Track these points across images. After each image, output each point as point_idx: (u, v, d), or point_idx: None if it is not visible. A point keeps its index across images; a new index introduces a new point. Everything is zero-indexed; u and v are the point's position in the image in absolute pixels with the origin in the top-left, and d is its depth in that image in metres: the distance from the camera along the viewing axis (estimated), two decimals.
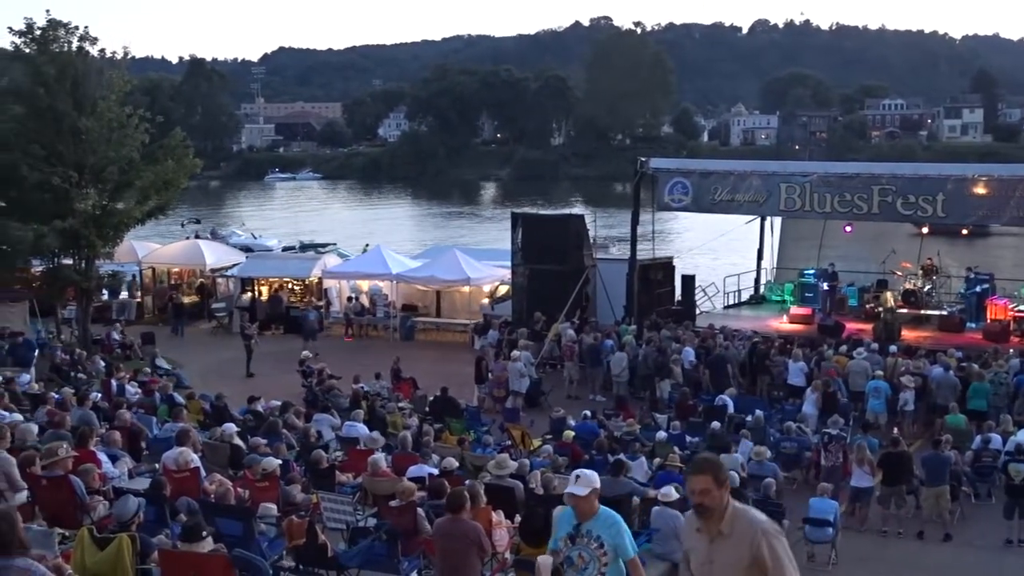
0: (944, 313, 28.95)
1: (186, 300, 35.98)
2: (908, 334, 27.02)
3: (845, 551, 14.72)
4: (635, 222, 29.89)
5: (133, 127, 27.96)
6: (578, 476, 7.42)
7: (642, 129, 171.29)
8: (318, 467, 14.51)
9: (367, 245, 50.56)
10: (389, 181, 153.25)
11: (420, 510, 11.53)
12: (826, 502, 14.72)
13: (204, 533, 9.39)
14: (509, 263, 31.33)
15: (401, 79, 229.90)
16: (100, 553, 8.99)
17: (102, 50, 28.71)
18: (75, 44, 27.76)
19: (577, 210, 69.08)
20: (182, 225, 73.09)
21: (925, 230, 30.85)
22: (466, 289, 33.22)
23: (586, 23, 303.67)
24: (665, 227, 55.39)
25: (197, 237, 59.22)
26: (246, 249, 50.92)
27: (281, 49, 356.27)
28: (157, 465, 13.61)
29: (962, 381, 21.30)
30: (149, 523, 10.68)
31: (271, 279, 35.94)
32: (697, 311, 30.92)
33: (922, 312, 29.24)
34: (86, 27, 27.99)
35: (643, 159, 30.16)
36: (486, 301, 32.95)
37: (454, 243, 52.23)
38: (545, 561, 8.93)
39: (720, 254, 43.08)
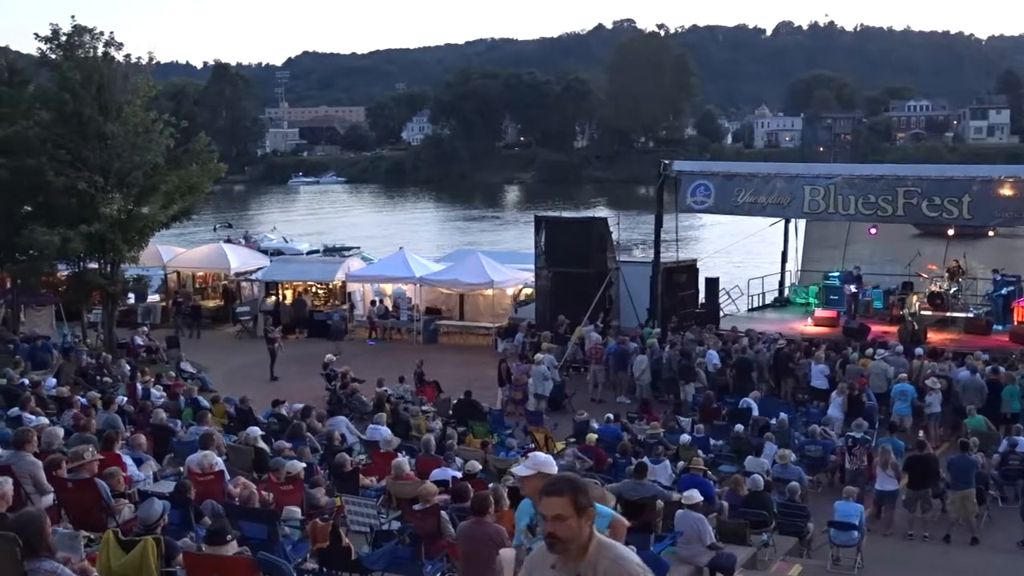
0: (970, 315, 28.74)
1: (210, 303, 36.15)
2: (934, 336, 26.85)
3: (870, 555, 14.62)
4: (658, 224, 29.83)
5: (158, 132, 28.12)
6: (526, 457, 6.92)
7: (665, 131, 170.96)
8: (342, 470, 14.54)
9: (401, 248, 50.77)
10: (413, 184, 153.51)
11: (443, 513, 11.53)
12: (851, 505, 14.64)
13: (228, 536, 9.41)
14: (532, 266, 31.32)
15: (424, 83, 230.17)
16: (125, 556, 9.02)
17: (127, 55, 28.93)
18: (100, 50, 27.95)
19: (600, 213, 68.95)
20: (214, 229, 73.63)
21: (951, 232, 30.60)
22: (489, 292, 33.23)
23: (609, 26, 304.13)
24: (689, 230, 55.22)
25: (229, 241, 59.84)
26: (278, 253, 51.38)
27: (305, 53, 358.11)
28: (182, 468, 13.67)
29: (989, 384, 21.15)
30: (174, 526, 10.72)
31: (295, 283, 36.04)
32: (721, 314, 30.81)
33: (948, 314, 29.04)
34: (111, 33, 28.23)
35: (666, 161, 30.13)
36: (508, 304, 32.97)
37: (477, 246, 52.29)
38: (507, 555, 8.71)
39: (744, 257, 42.91)
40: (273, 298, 35.20)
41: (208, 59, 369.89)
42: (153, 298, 36.85)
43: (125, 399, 19.86)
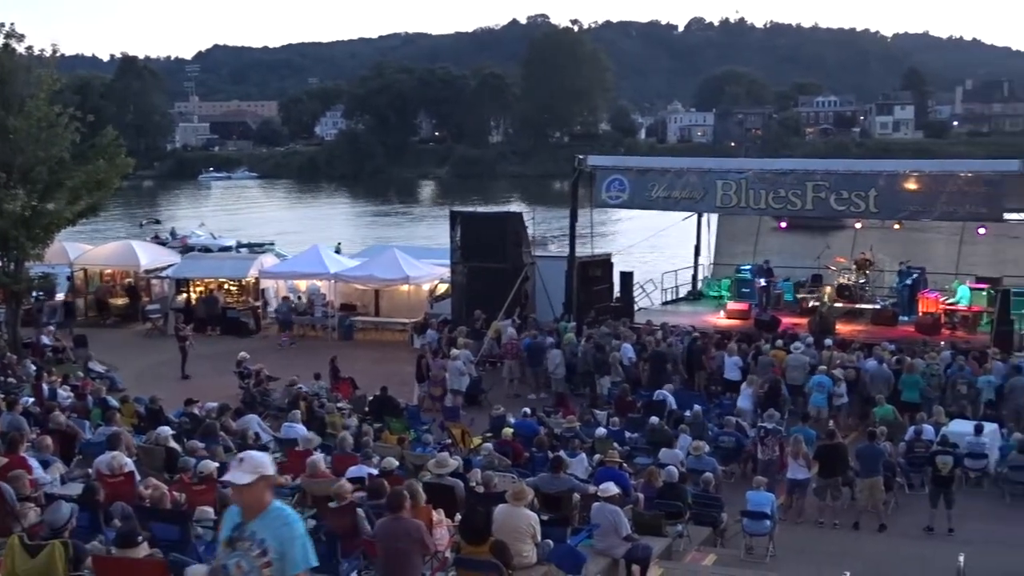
0: (877, 307, 29.39)
1: (118, 301, 35.46)
2: (843, 328, 27.40)
3: (782, 543, 14.89)
4: (573, 219, 30.04)
5: (63, 126, 27.43)
6: (241, 459, 5.75)
7: (580, 127, 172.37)
8: None
9: (339, 244, 50.44)
10: (327, 180, 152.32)
11: (360, 511, 11.45)
12: (762, 495, 14.88)
13: (139, 538, 9.24)
14: (448, 261, 31.27)
15: (338, 77, 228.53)
16: (31, 561, 8.81)
17: (29, 47, 28.18)
18: (1, 41, 27.20)
19: (516, 208, 69.29)
20: (140, 226, 72.07)
21: (859, 225, 31.28)
22: (405, 288, 33.08)
23: (523, 21, 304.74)
24: (603, 224, 55.57)
25: (157, 237, 58.89)
26: (205, 250, 50.86)
27: (215, 47, 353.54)
28: (90, 470, 13.38)
29: (896, 374, 21.66)
30: (82, 529, 10.47)
31: (207, 280, 35.49)
32: (636, 307, 31.06)
33: (856, 306, 29.66)
34: (12, 24, 27.48)
35: (581, 157, 30.26)
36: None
37: (393, 242, 52.03)
38: (195, 572, 8.47)
39: (658, 251, 43.34)
40: (184, 295, 34.62)
41: (115, 52, 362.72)
42: (60, 296, 36.06)
43: (31, 400, 19.36)
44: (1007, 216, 26.42)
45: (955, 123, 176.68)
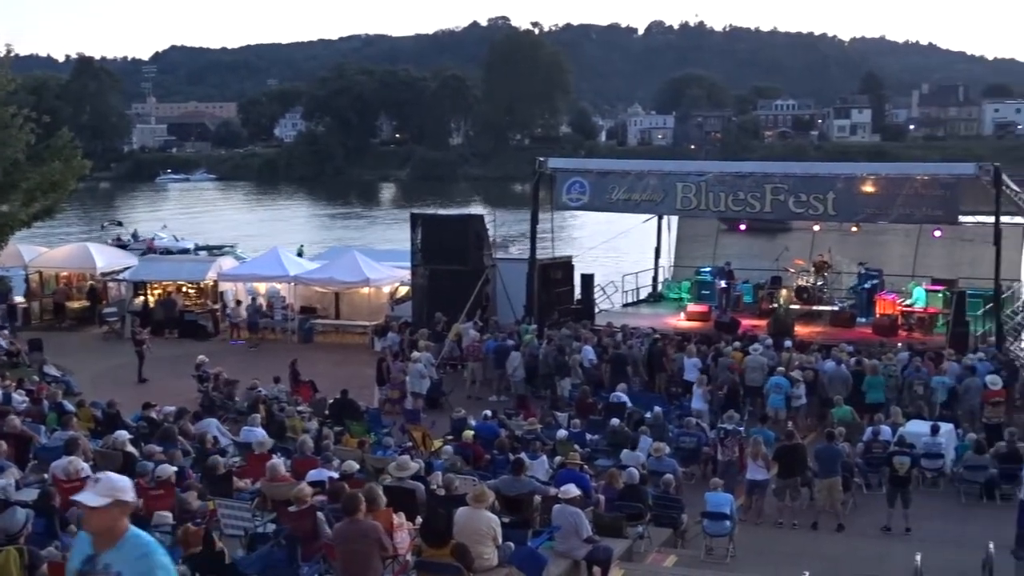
0: (835, 308, 29.64)
1: (75, 304, 35.06)
2: (801, 330, 27.60)
3: (742, 544, 14.96)
4: (534, 222, 30.08)
5: (17, 127, 27.13)
6: (98, 479, 5.13)
7: (540, 129, 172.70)
8: (215, 473, 14.26)
9: (302, 246, 50.19)
10: (286, 182, 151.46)
11: (320, 514, 11.40)
12: (720, 495, 14.96)
13: None
14: (409, 264, 31.18)
15: (297, 79, 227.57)
16: None
17: None
18: None
19: (476, 210, 68.96)
20: (102, 228, 71.10)
21: (817, 227, 31.54)
22: (366, 290, 32.95)
23: (484, 23, 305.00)
24: (564, 226, 55.70)
25: (119, 240, 58.28)
26: (167, 252, 50.50)
27: (173, 47, 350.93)
28: (46, 475, 13.23)
29: (854, 375, 21.85)
30: (38, 535, 10.37)
31: (165, 283, 35.16)
32: (596, 309, 31.14)
33: (814, 308, 29.90)
34: None
35: (541, 159, 30.31)
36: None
37: (353, 244, 51.82)
38: None
39: (619, 253, 43.46)
40: (142, 298, 34.28)
41: (71, 52, 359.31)
42: (19, 299, 35.64)
43: None
44: (962, 219, 26.78)
45: (911, 127, 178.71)
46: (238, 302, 33.22)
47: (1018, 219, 28.95)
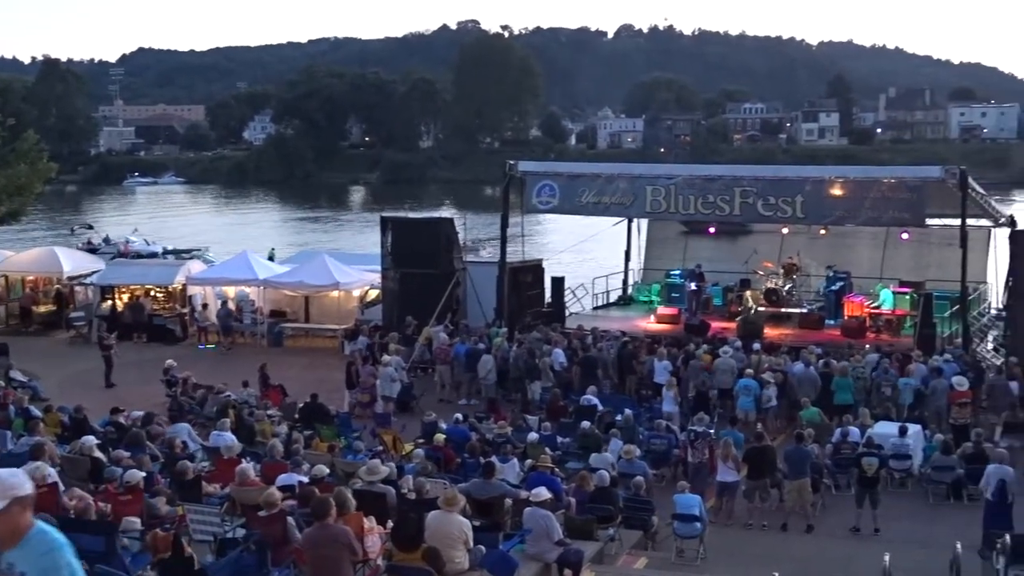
0: (804, 311, 29.80)
1: (41, 308, 34.73)
2: (770, 332, 27.73)
3: (712, 545, 15.01)
4: (504, 225, 30.06)
5: None
6: None
7: (510, 132, 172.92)
8: (184, 478, 14.16)
9: (273, 250, 49.88)
10: (255, 185, 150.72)
11: (290, 519, 11.35)
12: (689, 497, 15.00)
13: None
14: (379, 267, 31.10)
15: (266, 81, 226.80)
16: None
17: None
18: None
19: (447, 213, 68.98)
20: (72, 231, 70.27)
21: (786, 230, 31.70)
22: (336, 294, 32.82)
23: (453, 26, 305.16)
24: (534, 230, 55.80)
25: (90, 243, 57.68)
26: (138, 256, 50.09)
27: (141, 50, 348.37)
28: None
29: (822, 377, 21.98)
30: None
31: (133, 287, 34.88)
32: (567, 312, 31.17)
33: (783, 310, 30.03)
34: None
35: (511, 162, 30.31)
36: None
37: (323, 247, 51.62)
38: None
39: (589, 256, 43.54)
40: (109, 302, 33.98)
41: (36, 54, 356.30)
42: None
43: None
44: (929, 221, 26.97)
45: (879, 130, 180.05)
46: (205, 305, 33.01)
47: (984, 222, 29.22)
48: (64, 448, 16.09)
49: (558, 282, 31.04)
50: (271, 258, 42.02)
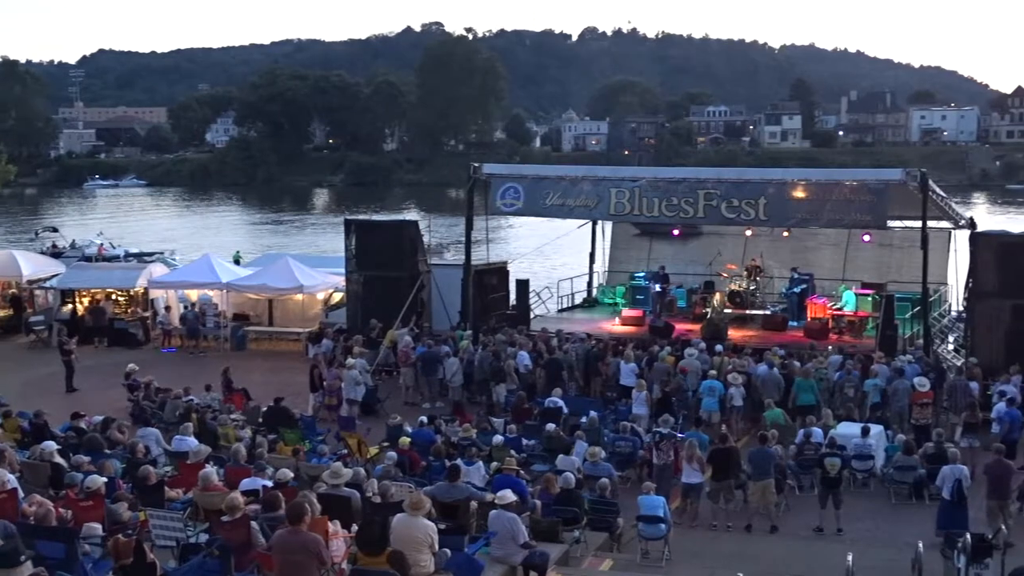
0: (768, 312, 29.97)
1: (0, 313, 34.34)
2: (734, 333, 27.83)
3: (677, 547, 15.07)
4: (469, 227, 30.04)
5: None
6: None
7: (475, 135, 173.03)
8: (146, 483, 14.03)
9: (238, 252, 49.49)
10: (218, 188, 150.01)
11: (254, 524, 11.27)
12: (654, 498, 15.05)
13: (22, 557, 8.97)
14: (343, 270, 30.98)
15: (229, 83, 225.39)
16: None
17: None
18: None
19: (411, 216, 69.02)
20: (36, 234, 69.36)
21: (749, 232, 31.87)
22: (299, 297, 32.67)
23: (417, 28, 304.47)
24: (499, 232, 55.81)
25: (55, 247, 56.96)
26: (104, 259, 49.61)
27: (101, 51, 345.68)
28: None
29: (785, 378, 22.10)
30: None
31: (94, 290, 34.55)
32: (532, 315, 31.18)
33: (747, 312, 30.19)
34: None
35: (476, 165, 30.28)
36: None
37: (286, 250, 51.37)
38: None
39: (553, 258, 43.61)
40: (70, 306, 33.65)
41: None
42: None
43: None
44: (891, 224, 27.19)
45: (841, 133, 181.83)
46: (168, 308, 32.76)
47: (944, 224, 29.49)
48: (24, 454, 15.92)
49: (523, 284, 31.04)
50: (237, 261, 41.74)
